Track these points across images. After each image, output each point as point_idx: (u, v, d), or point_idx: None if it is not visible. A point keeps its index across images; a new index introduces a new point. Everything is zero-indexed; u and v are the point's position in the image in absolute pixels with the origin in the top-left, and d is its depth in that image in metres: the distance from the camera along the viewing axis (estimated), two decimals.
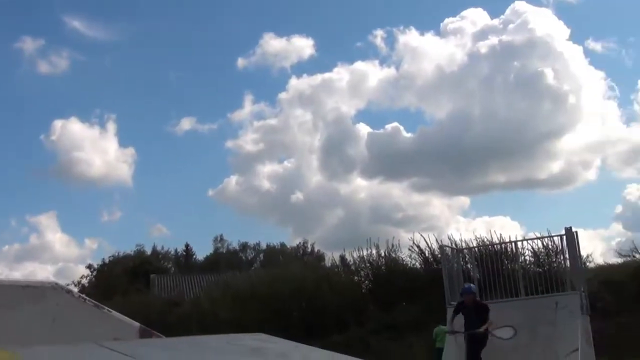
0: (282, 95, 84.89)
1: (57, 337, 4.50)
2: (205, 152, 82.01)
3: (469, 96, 61.54)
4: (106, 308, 5.17)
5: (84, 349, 3.14)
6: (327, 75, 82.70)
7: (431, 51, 70.88)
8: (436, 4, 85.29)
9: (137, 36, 79.33)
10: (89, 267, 55.94)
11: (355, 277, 30.53)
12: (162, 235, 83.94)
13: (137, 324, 5.16)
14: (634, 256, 26.12)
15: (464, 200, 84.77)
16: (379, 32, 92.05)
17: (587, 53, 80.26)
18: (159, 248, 59.83)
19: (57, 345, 3.42)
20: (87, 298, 5.18)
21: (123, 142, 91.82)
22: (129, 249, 57.24)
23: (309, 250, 56.77)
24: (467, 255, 21.86)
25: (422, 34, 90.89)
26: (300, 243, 59.13)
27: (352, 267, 31.13)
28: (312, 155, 75.48)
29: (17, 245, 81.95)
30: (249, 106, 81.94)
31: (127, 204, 79.78)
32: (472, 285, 14.54)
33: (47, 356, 2.70)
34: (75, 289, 34.28)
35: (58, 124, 78.27)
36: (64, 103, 78.75)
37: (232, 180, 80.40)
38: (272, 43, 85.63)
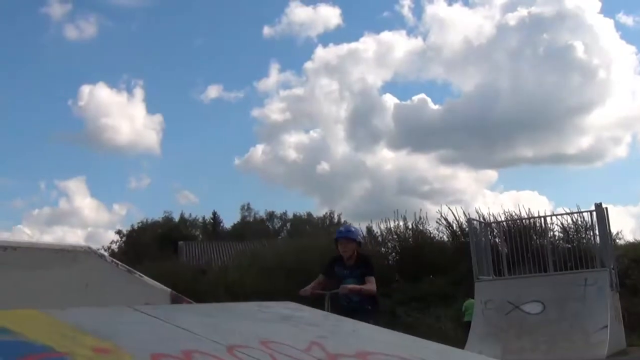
0: (308, 65, 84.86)
1: (90, 300, 4.57)
2: (232, 120, 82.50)
3: (497, 69, 61.10)
4: (138, 273, 5.22)
5: (117, 311, 3.17)
6: (353, 45, 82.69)
7: (459, 22, 70.57)
8: None
9: (164, 2, 79.38)
10: (119, 232, 56.71)
11: (382, 249, 30.55)
12: (190, 203, 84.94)
13: (168, 290, 5.21)
14: None
15: (491, 174, 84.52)
16: (406, 2, 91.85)
17: (618, 27, 78.87)
18: (186, 215, 60.38)
19: (91, 307, 3.47)
20: (120, 263, 5.23)
21: (151, 109, 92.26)
22: (157, 215, 57.92)
23: (336, 220, 56.89)
24: (495, 230, 21.76)
25: (450, 4, 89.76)
26: (326, 213, 59.40)
27: (379, 239, 31.16)
28: (338, 125, 75.58)
29: (47, 209, 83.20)
30: (275, 75, 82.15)
31: (155, 170, 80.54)
32: (352, 227, 9.00)
33: (82, 318, 2.73)
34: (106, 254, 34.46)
35: (86, 89, 79.20)
36: (92, 68, 79.20)
37: (259, 149, 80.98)
38: (298, 12, 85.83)
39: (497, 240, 21.09)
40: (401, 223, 29.83)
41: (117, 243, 54.46)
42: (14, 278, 4.32)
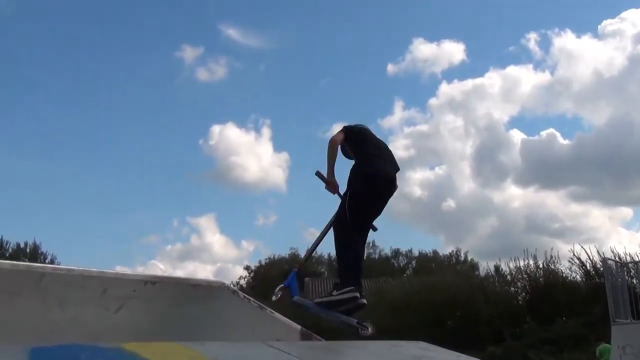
0: (433, 101, 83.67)
1: (224, 335, 4.67)
2: None
3: (631, 101, 58.36)
4: (269, 309, 5.30)
5: (252, 347, 3.24)
6: (478, 80, 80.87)
7: (589, 54, 67.90)
8: (594, 5, 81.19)
9: (289, 43, 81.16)
10: (247, 268, 57.95)
11: (512, 288, 29.77)
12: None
13: (298, 326, 5.26)
14: None
15: (626, 212, 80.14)
16: (533, 36, 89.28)
17: None
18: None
19: (228, 342, 3.55)
20: (252, 299, 5.34)
21: (277, 147, 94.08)
22: (283, 252, 58.69)
23: (462, 259, 55.84)
24: (632, 270, 20.79)
25: (578, 36, 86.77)
26: (452, 251, 58.29)
27: (508, 278, 30.39)
28: (464, 161, 74.14)
29: (179, 245, 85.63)
30: (399, 112, 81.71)
31: (281, 207, 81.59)
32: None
33: (219, 352, 2.80)
34: None
35: (216, 129, 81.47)
36: (222, 109, 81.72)
37: None
38: (422, 48, 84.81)
39: (634, 281, 20.14)
40: (531, 262, 29.04)
41: (245, 278, 55.72)
42: (154, 311, 4.49)
